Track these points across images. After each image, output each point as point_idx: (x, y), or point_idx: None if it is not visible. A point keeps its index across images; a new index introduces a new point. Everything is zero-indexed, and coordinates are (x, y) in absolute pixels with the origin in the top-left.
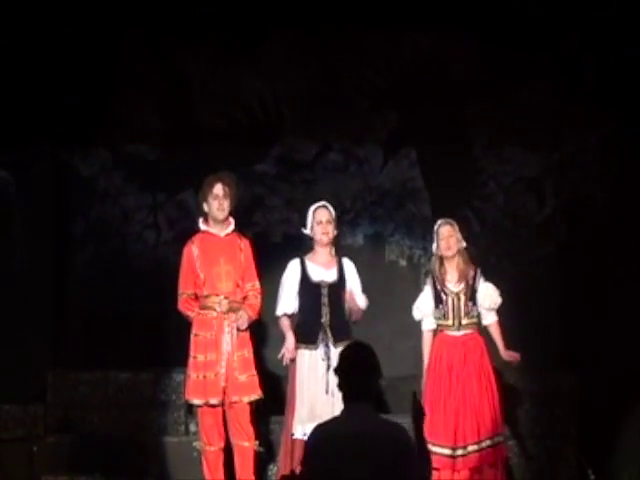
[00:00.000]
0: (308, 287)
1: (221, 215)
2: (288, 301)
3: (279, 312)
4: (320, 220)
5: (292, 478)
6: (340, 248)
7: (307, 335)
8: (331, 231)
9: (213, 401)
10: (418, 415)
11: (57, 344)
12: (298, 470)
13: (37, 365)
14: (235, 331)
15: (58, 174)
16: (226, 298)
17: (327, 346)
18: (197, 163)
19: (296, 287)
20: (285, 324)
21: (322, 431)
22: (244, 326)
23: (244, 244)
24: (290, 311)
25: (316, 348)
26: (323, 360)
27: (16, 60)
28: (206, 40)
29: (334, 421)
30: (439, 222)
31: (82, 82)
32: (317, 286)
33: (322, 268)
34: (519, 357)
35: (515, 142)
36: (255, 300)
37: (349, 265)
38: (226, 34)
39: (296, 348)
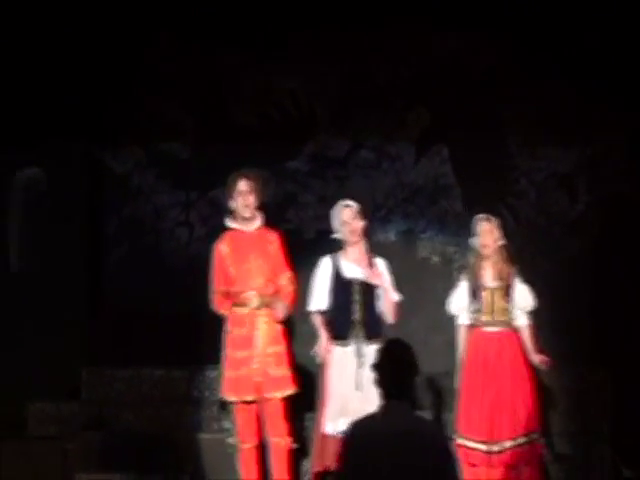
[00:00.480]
0: (340, 284)
1: (247, 212)
2: (320, 298)
3: (311, 308)
4: (344, 220)
5: (325, 475)
6: (372, 245)
7: (339, 332)
8: (358, 227)
9: (248, 398)
10: None
11: (91, 342)
12: (332, 467)
13: (71, 363)
14: (268, 327)
15: (91, 172)
16: (258, 293)
17: (359, 343)
18: (229, 160)
19: (328, 284)
20: (317, 321)
21: (359, 428)
22: (281, 315)
23: (273, 237)
24: (322, 308)
25: (348, 345)
26: (355, 357)
27: (51, 58)
28: (238, 37)
29: (371, 418)
30: (478, 217)
31: (115, 80)
32: (349, 283)
33: (354, 264)
34: (549, 361)
35: (547, 139)
36: (289, 288)
37: (381, 262)
38: (258, 31)
39: (329, 344)
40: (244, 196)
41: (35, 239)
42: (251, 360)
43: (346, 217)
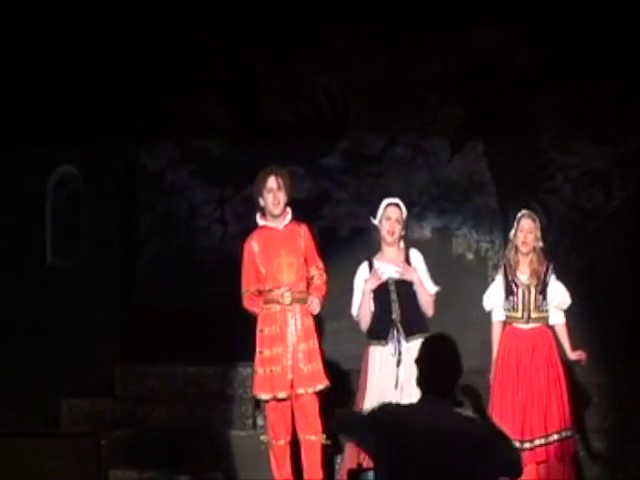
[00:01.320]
0: (377, 286)
1: (277, 209)
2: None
3: (354, 313)
4: (389, 216)
5: (359, 472)
6: (407, 242)
7: (378, 332)
8: (398, 231)
9: (281, 395)
10: None
11: (125, 338)
12: (364, 464)
13: (105, 359)
14: (299, 322)
15: (125, 169)
16: (289, 290)
17: (398, 342)
18: (264, 157)
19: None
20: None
21: (394, 411)
22: (316, 310)
23: (303, 230)
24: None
25: (386, 344)
26: (393, 356)
27: (86, 56)
28: (272, 33)
29: (407, 408)
30: (523, 212)
31: (149, 77)
32: (385, 283)
33: (390, 264)
34: (586, 356)
35: (582, 134)
36: (320, 280)
37: (416, 256)
38: (292, 27)
39: (368, 344)
40: (274, 193)
41: (69, 236)
42: (284, 357)
43: (390, 214)
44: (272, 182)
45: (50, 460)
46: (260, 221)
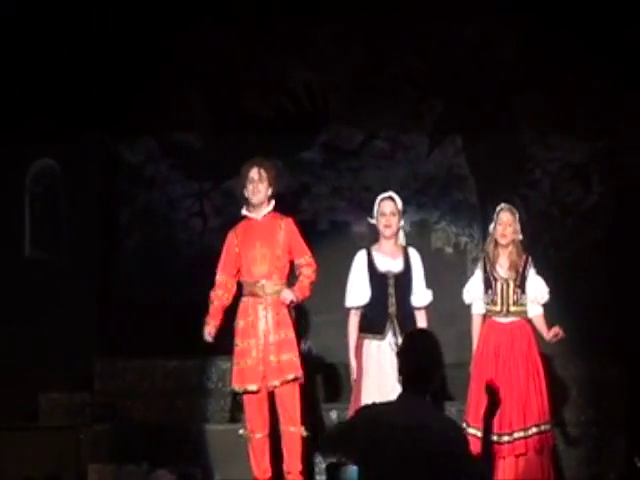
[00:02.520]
0: (375, 278)
1: (255, 199)
2: (358, 293)
3: (349, 304)
4: (384, 212)
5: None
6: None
7: (374, 325)
8: (395, 224)
9: (251, 387)
10: None
11: (104, 332)
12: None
13: (84, 353)
14: (270, 314)
15: (105, 162)
16: (262, 282)
17: (395, 336)
18: (243, 151)
19: (364, 278)
20: (351, 326)
21: (372, 413)
22: (287, 300)
23: (285, 223)
24: (360, 304)
25: (383, 338)
26: (392, 350)
27: (65, 49)
28: (252, 28)
29: (386, 406)
30: (502, 206)
31: (128, 71)
32: (384, 276)
33: (389, 258)
34: (561, 331)
35: (561, 129)
36: (307, 280)
37: (415, 255)
38: (272, 21)
39: (363, 338)
40: (254, 184)
41: (49, 228)
42: (254, 349)
43: (385, 209)
44: (254, 173)
45: (29, 454)
46: (244, 212)
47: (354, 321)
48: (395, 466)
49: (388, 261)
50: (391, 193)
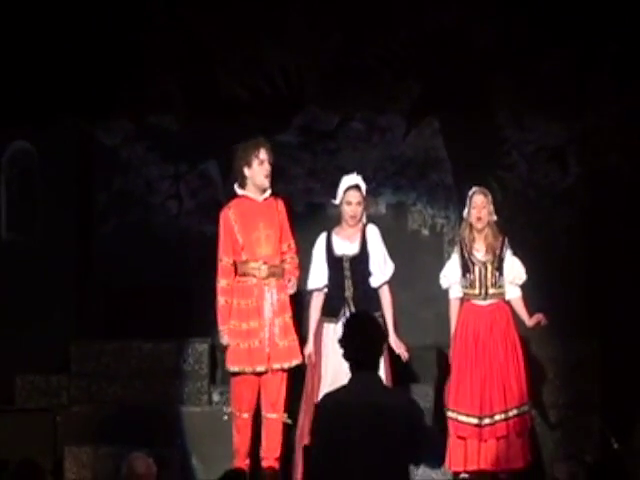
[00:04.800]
0: (332, 261)
1: (267, 182)
2: (317, 276)
3: (309, 287)
4: (350, 201)
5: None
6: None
7: (331, 308)
8: (359, 213)
9: (260, 368)
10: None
11: (80, 315)
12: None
13: (60, 336)
14: (275, 296)
15: (81, 145)
16: (265, 263)
17: None
18: (219, 133)
19: (322, 261)
20: (313, 308)
21: (329, 400)
22: (293, 291)
23: (280, 205)
24: (318, 286)
25: (338, 322)
26: None
27: (38, 31)
28: (228, 10)
29: (342, 390)
30: (474, 189)
31: (103, 53)
32: (339, 260)
33: (346, 241)
34: (544, 317)
35: (538, 111)
36: (292, 265)
37: (372, 233)
38: (248, 4)
39: (322, 321)
40: (265, 165)
41: (25, 212)
42: (261, 331)
43: (351, 198)
44: (264, 154)
45: (5, 436)
46: (239, 190)
47: (315, 304)
48: (355, 443)
49: (345, 244)
50: (357, 180)
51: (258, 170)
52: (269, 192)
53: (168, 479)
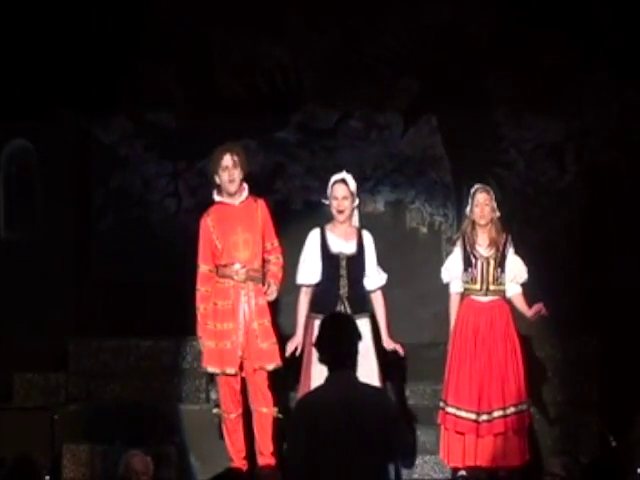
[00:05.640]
0: (327, 258)
1: (232, 187)
2: (308, 272)
3: (299, 281)
4: (336, 196)
5: None
6: (361, 216)
7: (325, 306)
8: (347, 207)
9: (230, 370)
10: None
11: (78, 312)
12: None
13: (58, 333)
14: (253, 300)
15: (79, 142)
16: (243, 267)
17: None
18: (217, 131)
19: (316, 257)
20: (302, 299)
21: (307, 399)
22: (273, 297)
23: (260, 205)
24: (310, 282)
25: None
26: None
27: (37, 29)
28: (227, 7)
29: (319, 389)
30: (476, 187)
31: (102, 50)
32: (336, 257)
33: (342, 240)
34: (544, 307)
35: (536, 108)
36: (276, 266)
37: (368, 238)
38: (247, 1)
39: (314, 318)
40: (229, 171)
41: (23, 209)
42: (234, 333)
43: (337, 193)
44: (227, 160)
45: (3, 434)
46: (216, 197)
47: (303, 299)
48: (333, 440)
49: (341, 243)
50: (344, 175)
51: (223, 177)
52: (245, 194)
53: (166, 477)
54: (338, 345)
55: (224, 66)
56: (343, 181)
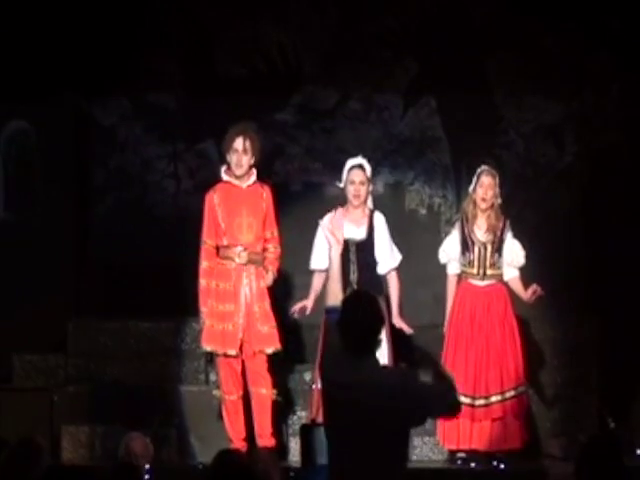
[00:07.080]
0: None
1: (239, 171)
2: (318, 257)
3: (311, 267)
4: (353, 180)
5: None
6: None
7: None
8: (364, 193)
9: (231, 352)
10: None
11: (78, 294)
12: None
13: (58, 315)
14: (254, 283)
15: (78, 124)
16: (246, 250)
17: None
18: (217, 112)
19: (326, 243)
20: (315, 281)
21: (333, 385)
22: (270, 283)
23: (266, 193)
24: (321, 267)
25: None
26: None
27: (36, 10)
28: None
29: (339, 369)
30: (483, 168)
31: (102, 31)
32: (345, 243)
33: (353, 225)
34: (539, 288)
35: (536, 89)
36: (274, 255)
37: (380, 221)
38: None
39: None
40: (238, 155)
41: (22, 190)
42: (236, 315)
43: (355, 177)
44: (238, 144)
45: (2, 415)
46: (224, 175)
47: (316, 282)
48: (353, 424)
49: (352, 228)
50: (361, 160)
51: (232, 158)
52: (253, 178)
53: (166, 458)
54: (360, 330)
55: (223, 47)
56: (360, 166)
